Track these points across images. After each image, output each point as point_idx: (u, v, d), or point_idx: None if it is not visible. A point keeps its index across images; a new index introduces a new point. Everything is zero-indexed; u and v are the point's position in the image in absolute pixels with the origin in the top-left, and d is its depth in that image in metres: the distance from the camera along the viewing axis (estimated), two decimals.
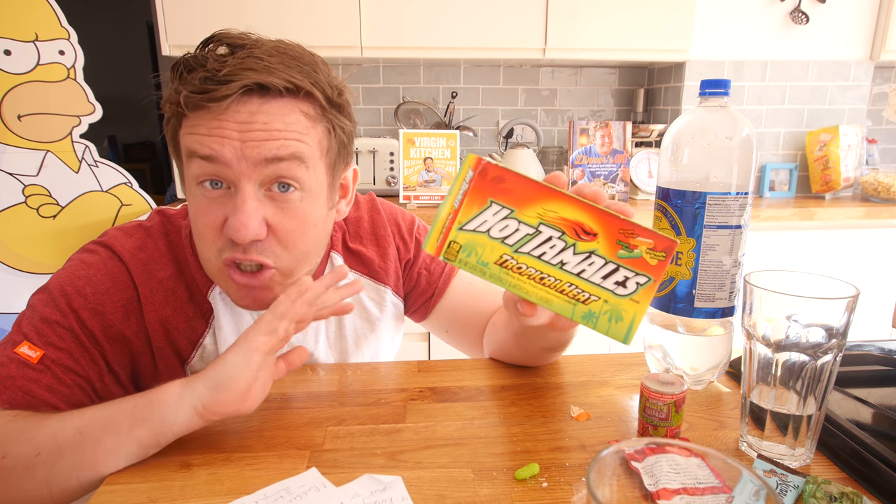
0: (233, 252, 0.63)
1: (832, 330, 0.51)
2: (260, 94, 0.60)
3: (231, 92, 0.58)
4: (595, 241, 0.49)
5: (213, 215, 0.62)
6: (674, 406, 0.57)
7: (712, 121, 0.64)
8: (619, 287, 0.49)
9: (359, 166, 2.11)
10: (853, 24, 2.18)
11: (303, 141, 0.63)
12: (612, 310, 0.50)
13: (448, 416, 0.64)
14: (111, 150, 1.88)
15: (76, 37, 1.60)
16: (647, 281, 0.49)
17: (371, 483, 0.52)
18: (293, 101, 0.62)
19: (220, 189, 0.62)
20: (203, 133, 0.60)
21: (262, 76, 0.59)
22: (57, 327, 0.64)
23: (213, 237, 0.63)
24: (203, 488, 0.52)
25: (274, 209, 0.63)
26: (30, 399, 0.61)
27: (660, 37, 2.06)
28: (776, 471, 0.52)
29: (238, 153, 0.60)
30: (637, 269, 0.49)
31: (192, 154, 0.61)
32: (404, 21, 1.98)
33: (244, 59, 0.60)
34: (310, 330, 0.80)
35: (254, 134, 0.60)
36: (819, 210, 2.00)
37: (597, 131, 2.08)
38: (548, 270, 0.50)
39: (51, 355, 0.63)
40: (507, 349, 0.76)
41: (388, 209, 0.89)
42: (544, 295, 0.50)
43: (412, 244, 0.88)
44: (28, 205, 1.64)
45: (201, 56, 0.61)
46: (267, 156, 0.60)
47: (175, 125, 0.63)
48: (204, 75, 0.59)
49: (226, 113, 0.59)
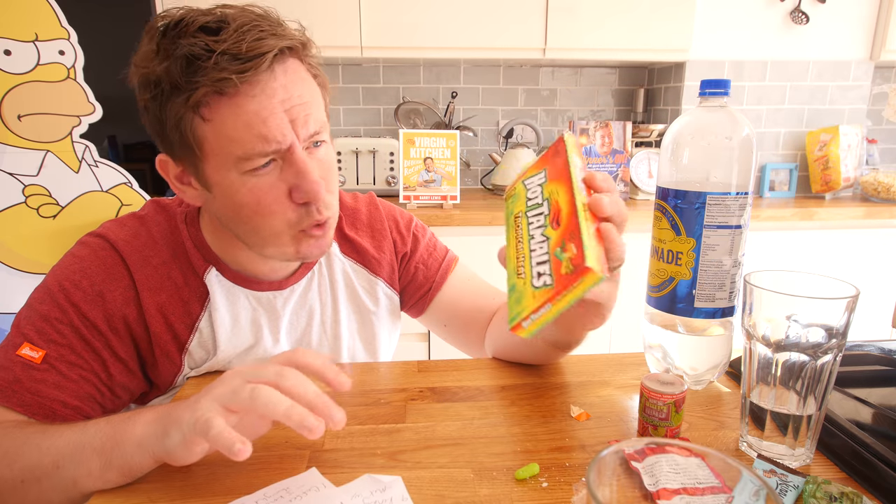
0: (311, 219, 0.66)
1: (832, 330, 0.51)
2: (280, 61, 0.62)
3: (267, 62, 0.59)
4: (555, 231, 0.49)
5: (274, 190, 0.64)
6: (674, 406, 0.57)
7: (712, 121, 0.64)
8: (536, 277, 0.48)
9: (359, 166, 2.12)
10: (853, 24, 2.18)
11: (320, 107, 0.67)
12: (521, 292, 0.49)
13: (448, 416, 0.64)
14: (111, 150, 1.88)
15: (76, 37, 1.60)
16: (549, 284, 0.46)
17: (371, 483, 0.52)
18: (295, 59, 0.65)
19: (269, 165, 0.64)
20: (256, 123, 0.60)
21: (282, 41, 0.61)
22: (56, 324, 0.64)
23: (284, 210, 0.65)
24: (203, 488, 0.52)
25: (318, 164, 0.66)
26: (40, 399, 0.61)
27: (660, 37, 2.06)
28: (776, 471, 0.52)
29: (293, 134, 0.63)
30: (552, 271, 0.47)
31: (254, 155, 0.61)
32: (404, 21, 1.98)
33: (248, 32, 0.59)
34: (302, 317, 0.80)
35: (297, 110, 0.62)
36: (819, 210, 2.00)
37: (597, 131, 2.08)
38: (524, 237, 0.53)
39: (53, 353, 0.63)
40: (514, 345, 0.76)
41: (386, 207, 0.90)
42: (511, 253, 0.54)
43: (409, 239, 0.89)
44: (28, 205, 1.64)
45: (195, 43, 0.58)
46: (311, 132, 0.65)
47: (192, 122, 0.61)
48: (226, 57, 0.58)
49: (266, 92, 0.60)
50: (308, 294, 0.80)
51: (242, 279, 0.75)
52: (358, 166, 2.12)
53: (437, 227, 1.86)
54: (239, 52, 0.58)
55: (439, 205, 1.99)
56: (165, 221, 0.74)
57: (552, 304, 0.45)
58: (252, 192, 0.63)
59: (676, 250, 0.64)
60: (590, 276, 0.44)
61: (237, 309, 0.75)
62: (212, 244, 0.74)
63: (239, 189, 0.64)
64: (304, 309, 0.80)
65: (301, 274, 0.80)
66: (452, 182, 2.00)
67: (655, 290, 0.67)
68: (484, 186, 2.44)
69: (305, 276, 0.80)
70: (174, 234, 0.73)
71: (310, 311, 0.81)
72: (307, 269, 0.80)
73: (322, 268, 0.82)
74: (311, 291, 0.81)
